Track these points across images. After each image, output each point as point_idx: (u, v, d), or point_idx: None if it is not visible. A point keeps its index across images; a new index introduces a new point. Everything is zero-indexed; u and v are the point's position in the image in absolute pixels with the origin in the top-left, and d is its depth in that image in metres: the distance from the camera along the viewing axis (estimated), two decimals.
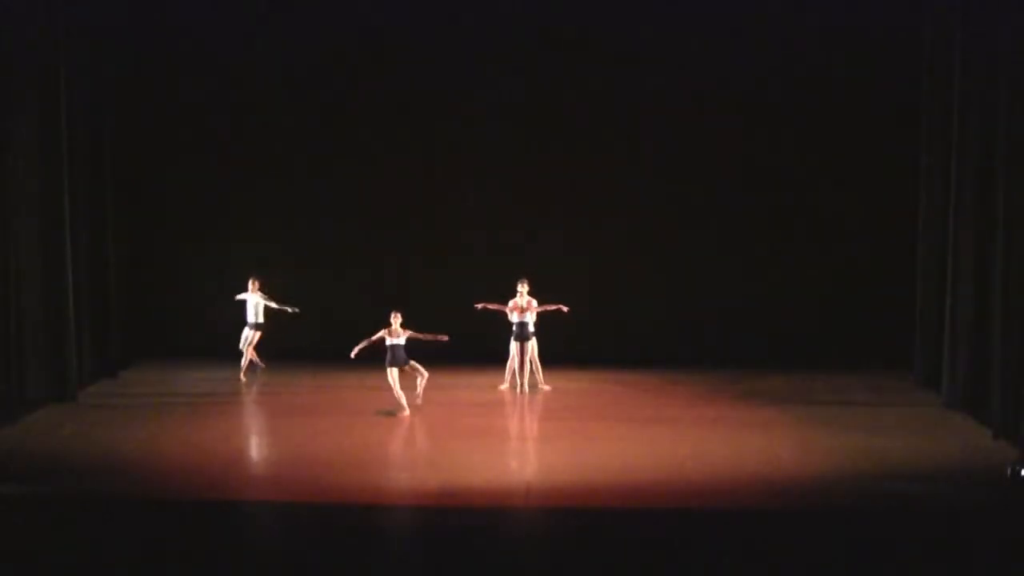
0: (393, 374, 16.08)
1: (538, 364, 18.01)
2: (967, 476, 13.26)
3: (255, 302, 18.77)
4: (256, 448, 14.60)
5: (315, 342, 20.14)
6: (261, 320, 18.82)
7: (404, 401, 16.09)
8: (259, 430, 15.63)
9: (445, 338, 16.29)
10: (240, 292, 18.89)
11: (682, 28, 19.88)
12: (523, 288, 17.88)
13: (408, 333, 16.11)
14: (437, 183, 20.44)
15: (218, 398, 17.50)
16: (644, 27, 19.90)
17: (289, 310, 18.62)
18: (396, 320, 16.12)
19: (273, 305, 18.73)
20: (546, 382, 18.11)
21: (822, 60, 19.77)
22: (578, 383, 18.61)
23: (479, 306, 17.89)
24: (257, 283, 18.81)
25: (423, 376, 16.31)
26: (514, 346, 17.83)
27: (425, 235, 20.60)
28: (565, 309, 17.94)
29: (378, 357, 17.32)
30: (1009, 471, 12.79)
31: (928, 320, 18.13)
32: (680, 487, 13.06)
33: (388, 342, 16.08)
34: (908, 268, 18.81)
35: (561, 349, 18.66)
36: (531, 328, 17.79)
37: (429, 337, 16.24)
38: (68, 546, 10.99)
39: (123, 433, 15.13)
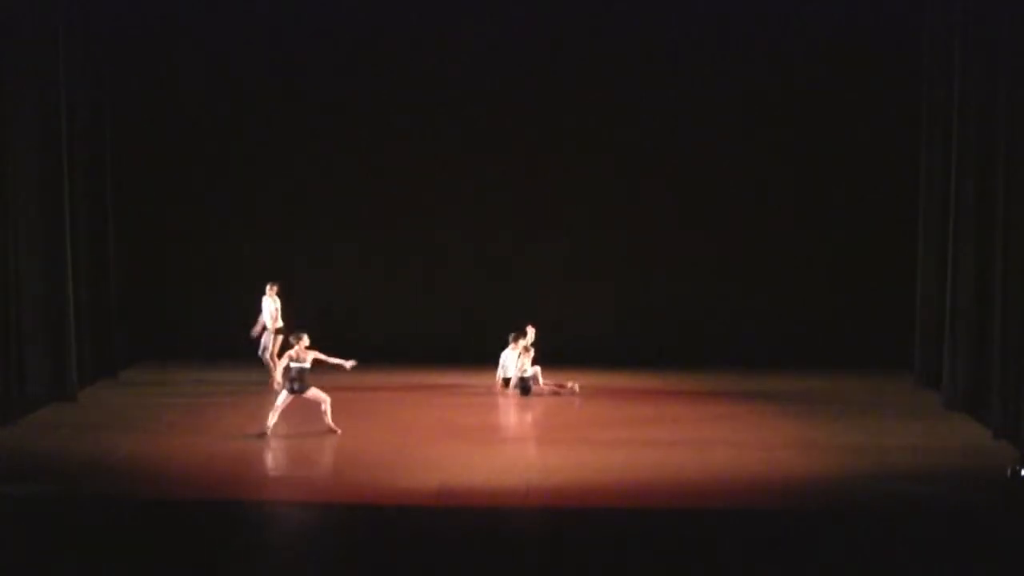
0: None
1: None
2: (967, 476, 13.25)
3: (271, 307, 18.33)
4: (256, 448, 14.56)
5: (314, 342, 20.14)
6: (280, 325, 18.27)
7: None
8: (259, 430, 15.57)
9: (349, 365, 15.41)
10: (257, 294, 18.46)
11: (683, 28, 19.90)
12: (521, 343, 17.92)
13: (314, 354, 15.10)
14: (436, 185, 20.42)
15: (218, 398, 17.48)
16: (646, 27, 19.91)
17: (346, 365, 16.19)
18: (301, 343, 15.10)
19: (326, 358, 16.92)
20: (545, 382, 18.17)
21: (822, 60, 19.79)
22: (578, 383, 18.59)
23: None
24: (275, 287, 18.39)
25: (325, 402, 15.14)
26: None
27: (425, 236, 20.57)
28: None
29: (376, 357, 17.39)
30: (1009, 471, 12.79)
31: (928, 320, 18.13)
32: (680, 487, 13.06)
33: (292, 365, 15.01)
34: (908, 268, 18.82)
35: (561, 350, 18.66)
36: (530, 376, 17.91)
37: (336, 362, 15.31)
38: (68, 546, 10.99)
39: (123, 433, 15.12)
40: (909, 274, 18.77)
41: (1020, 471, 12.68)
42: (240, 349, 19.05)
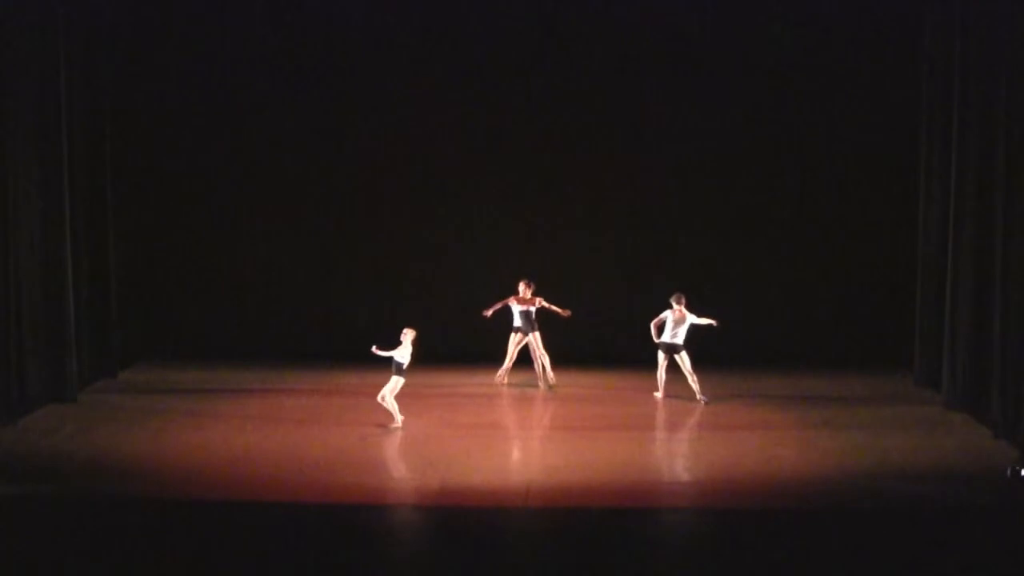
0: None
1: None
2: (967, 476, 13.26)
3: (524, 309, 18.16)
4: (256, 448, 14.57)
5: (315, 342, 20.18)
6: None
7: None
8: (259, 430, 15.61)
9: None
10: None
11: (683, 28, 19.88)
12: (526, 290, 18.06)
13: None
14: (436, 185, 20.41)
15: (218, 398, 17.48)
16: (646, 28, 19.90)
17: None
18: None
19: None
20: (546, 382, 18.18)
21: (822, 61, 19.78)
22: (578, 383, 18.60)
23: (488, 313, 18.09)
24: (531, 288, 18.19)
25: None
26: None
27: (425, 235, 20.56)
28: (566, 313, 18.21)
29: (375, 356, 17.30)
30: (1009, 471, 12.80)
31: (928, 320, 18.12)
32: (680, 487, 13.06)
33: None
34: (908, 269, 18.81)
35: (562, 349, 18.66)
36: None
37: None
38: (68, 546, 10.99)
39: (123, 433, 15.13)
40: (909, 274, 18.77)
41: (1020, 471, 12.69)
42: (239, 349, 19.00)
